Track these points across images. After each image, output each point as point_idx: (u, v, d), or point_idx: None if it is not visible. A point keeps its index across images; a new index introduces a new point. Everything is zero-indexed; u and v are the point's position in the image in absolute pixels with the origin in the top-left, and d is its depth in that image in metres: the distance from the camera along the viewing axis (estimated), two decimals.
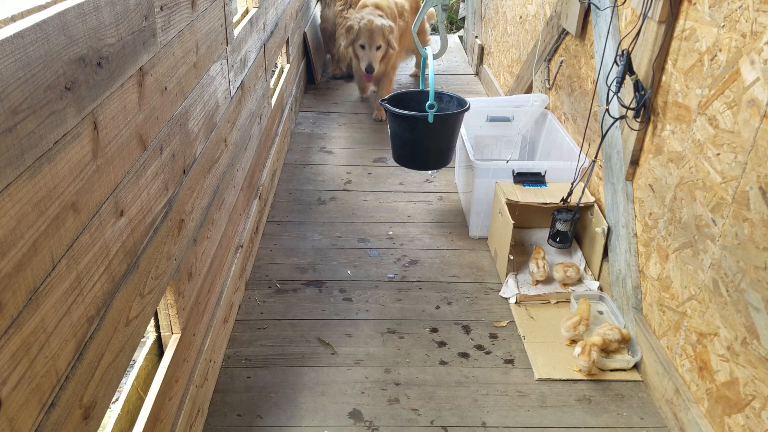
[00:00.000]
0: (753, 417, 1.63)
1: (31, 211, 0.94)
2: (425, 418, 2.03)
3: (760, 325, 1.59)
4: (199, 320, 1.91)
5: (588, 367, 2.17)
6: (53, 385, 1.02)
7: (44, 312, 0.99)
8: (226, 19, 2.19)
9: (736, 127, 1.69)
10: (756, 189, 1.60)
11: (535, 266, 2.63)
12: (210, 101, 2.00)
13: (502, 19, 4.49)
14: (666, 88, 2.07)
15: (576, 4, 2.80)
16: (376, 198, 3.41)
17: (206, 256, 2.00)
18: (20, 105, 0.90)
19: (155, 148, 1.49)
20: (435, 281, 2.73)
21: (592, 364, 2.16)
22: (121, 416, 1.46)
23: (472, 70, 5.50)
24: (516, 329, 2.44)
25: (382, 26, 4.02)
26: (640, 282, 2.28)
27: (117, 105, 1.25)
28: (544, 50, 3.34)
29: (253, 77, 2.78)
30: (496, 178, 2.86)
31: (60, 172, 1.03)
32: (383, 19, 4.06)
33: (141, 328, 1.43)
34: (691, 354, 1.93)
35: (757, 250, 1.59)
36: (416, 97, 2.98)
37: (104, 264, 1.21)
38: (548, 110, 3.32)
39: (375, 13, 4.08)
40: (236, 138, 2.43)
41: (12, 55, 0.87)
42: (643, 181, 2.25)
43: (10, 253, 0.89)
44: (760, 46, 1.59)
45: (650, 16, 2.07)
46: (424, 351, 2.32)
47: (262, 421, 2.00)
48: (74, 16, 1.05)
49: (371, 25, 4.01)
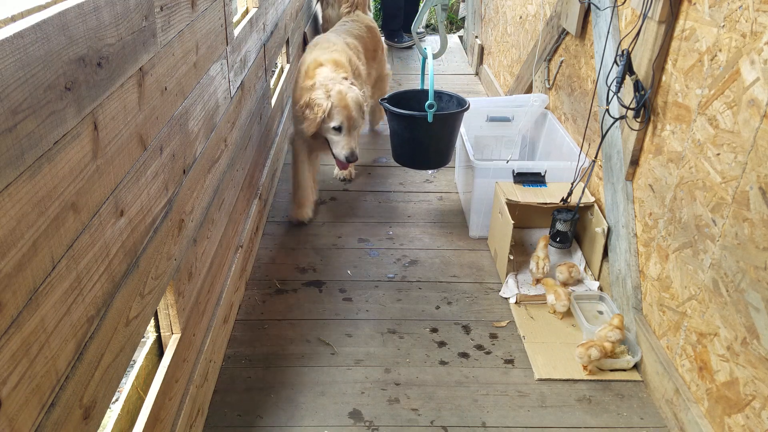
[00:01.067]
0: (753, 417, 1.63)
1: (31, 211, 0.94)
2: (425, 418, 2.03)
3: (760, 325, 1.59)
4: (199, 320, 1.91)
5: (587, 362, 2.20)
6: (53, 385, 1.02)
7: (44, 312, 0.99)
8: (226, 19, 2.19)
9: (736, 127, 1.69)
10: (756, 189, 1.60)
11: (534, 265, 2.63)
12: (210, 101, 2.00)
13: (502, 19, 4.49)
14: (666, 88, 2.07)
15: (576, 4, 2.80)
16: (376, 198, 3.41)
17: (206, 256, 2.00)
18: (20, 105, 0.90)
19: (155, 148, 1.49)
20: (435, 281, 2.73)
21: (589, 360, 2.18)
22: (121, 416, 1.46)
23: (472, 70, 5.50)
24: (516, 329, 2.44)
25: (357, 99, 2.92)
26: (640, 282, 2.28)
27: (117, 105, 1.25)
28: (544, 50, 3.34)
29: (253, 77, 2.78)
30: (496, 178, 2.85)
31: (60, 172, 1.03)
32: (354, 87, 2.97)
33: (141, 328, 1.43)
34: (691, 354, 1.93)
35: (757, 250, 1.59)
36: (416, 96, 2.98)
37: (104, 264, 1.20)
38: (548, 110, 3.32)
39: (340, 78, 2.94)
40: (236, 138, 2.43)
41: (12, 55, 0.87)
42: (643, 181, 2.25)
43: (10, 253, 0.89)
44: (760, 46, 1.59)
45: (650, 16, 2.07)
46: (424, 351, 2.32)
47: (262, 421, 2.00)
48: (74, 16, 1.05)
49: (345, 100, 2.85)
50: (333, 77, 2.91)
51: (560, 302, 2.45)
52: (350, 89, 2.90)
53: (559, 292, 2.46)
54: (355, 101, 2.89)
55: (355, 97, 2.89)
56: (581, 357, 2.18)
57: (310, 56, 3.09)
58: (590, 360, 2.17)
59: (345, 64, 3.09)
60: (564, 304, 2.45)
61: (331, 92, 2.84)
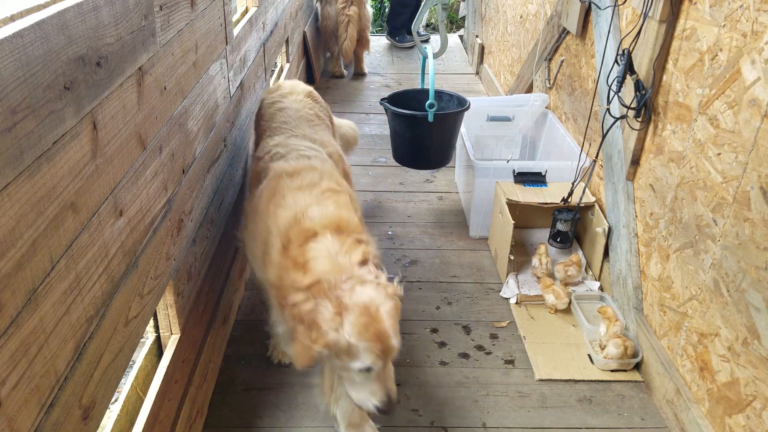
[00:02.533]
0: (754, 417, 1.63)
1: (30, 210, 0.94)
2: (425, 419, 2.02)
3: (761, 325, 1.59)
4: (198, 320, 1.91)
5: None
6: (52, 385, 1.02)
7: (43, 312, 0.98)
8: (226, 18, 2.18)
9: (737, 127, 1.68)
10: (757, 189, 1.59)
11: (537, 261, 2.65)
12: (209, 101, 2.00)
13: (503, 19, 4.49)
14: (667, 87, 2.07)
15: (577, 4, 2.80)
16: (376, 198, 3.41)
17: (205, 256, 2.00)
18: (19, 105, 0.90)
19: (154, 148, 1.48)
20: (435, 281, 2.72)
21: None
22: (121, 417, 1.46)
23: (473, 69, 5.50)
24: (516, 329, 2.43)
25: (394, 310, 1.62)
26: (641, 282, 2.27)
27: (116, 105, 1.25)
28: (545, 50, 3.33)
29: (253, 77, 2.78)
30: (497, 177, 2.85)
31: (59, 171, 1.02)
32: (387, 286, 1.67)
33: (140, 329, 1.43)
34: (691, 354, 1.93)
35: (758, 250, 1.59)
36: (416, 96, 2.98)
37: (103, 264, 1.20)
38: (549, 110, 3.32)
39: (356, 268, 1.65)
40: (236, 137, 2.43)
41: (11, 54, 0.87)
42: (643, 181, 2.24)
43: (9, 253, 0.89)
44: (761, 46, 1.58)
45: (651, 15, 2.07)
46: (424, 351, 2.31)
47: (262, 421, 2.00)
48: (73, 16, 1.05)
49: (377, 324, 1.56)
50: (343, 266, 1.64)
51: (560, 301, 2.49)
52: (379, 293, 1.59)
53: (558, 291, 2.48)
54: (391, 316, 1.58)
55: (391, 311, 1.58)
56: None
57: (285, 211, 1.77)
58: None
59: (351, 217, 1.81)
60: (564, 302, 2.48)
61: (349, 310, 1.55)
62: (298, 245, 1.67)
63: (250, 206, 1.97)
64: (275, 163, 2.02)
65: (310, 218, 1.72)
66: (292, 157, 2.04)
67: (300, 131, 2.25)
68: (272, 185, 1.89)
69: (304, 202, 1.78)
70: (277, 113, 2.34)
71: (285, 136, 2.20)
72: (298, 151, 2.09)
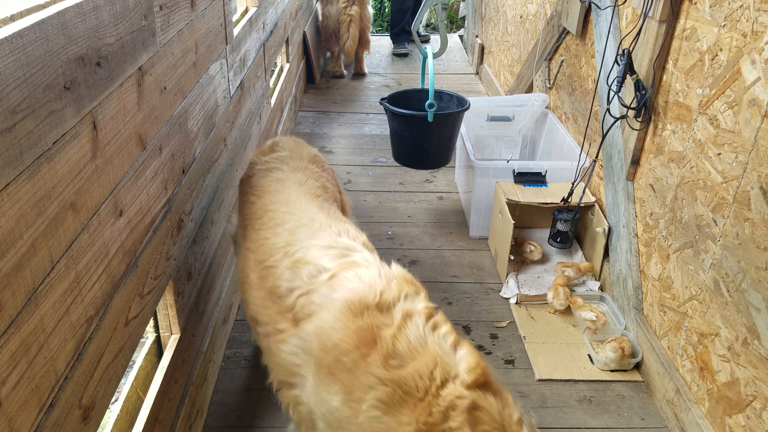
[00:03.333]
0: (754, 417, 1.63)
1: (30, 211, 0.94)
2: None
3: (761, 325, 1.59)
4: (198, 320, 1.91)
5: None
6: (52, 385, 1.02)
7: (43, 312, 0.98)
8: (226, 18, 2.18)
9: (737, 127, 1.68)
10: (757, 189, 1.59)
11: (531, 246, 2.76)
12: (209, 101, 2.00)
13: (503, 19, 4.49)
14: (667, 87, 2.07)
15: (577, 4, 2.80)
16: (376, 198, 3.41)
17: (205, 256, 2.00)
18: (19, 105, 0.90)
19: (154, 148, 1.48)
20: (435, 281, 2.72)
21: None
22: (121, 417, 1.46)
23: (473, 69, 5.50)
24: (516, 330, 2.43)
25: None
26: (641, 282, 2.27)
27: (116, 105, 1.25)
28: (545, 49, 3.33)
29: (253, 77, 2.78)
30: (497, 177, 2.85)
31: (59, 172, 1.02)
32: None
33: (140, 329, 1.43)
34: (692, 354, 1.93)
35: (758, 250, 1.59)
36: (416, 96, 2.98)
37: (103, 264, 1.20)
38: (549, 110, 3.32)
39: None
40: (236, 138, 2.43)
41: (11, 54, 0.87)
42: (644, 181, 2.24)
43: (9, 253, 0.89)
44: (761, 46, 1.58)
45: (651, 15, 2.07)
46: None
47: (262, 421, 2.00)
48: (73, 16, 1.05)
49: None
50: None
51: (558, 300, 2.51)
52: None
53: (559, 291, 2.50)
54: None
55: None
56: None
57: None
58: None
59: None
60: (561, 303, 2.50)
61: None
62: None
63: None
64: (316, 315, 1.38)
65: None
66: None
67: (308, 215, 1.64)
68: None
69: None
70: (273, 187, 1.75)
71: (294, 236, 1.56)
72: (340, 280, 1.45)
